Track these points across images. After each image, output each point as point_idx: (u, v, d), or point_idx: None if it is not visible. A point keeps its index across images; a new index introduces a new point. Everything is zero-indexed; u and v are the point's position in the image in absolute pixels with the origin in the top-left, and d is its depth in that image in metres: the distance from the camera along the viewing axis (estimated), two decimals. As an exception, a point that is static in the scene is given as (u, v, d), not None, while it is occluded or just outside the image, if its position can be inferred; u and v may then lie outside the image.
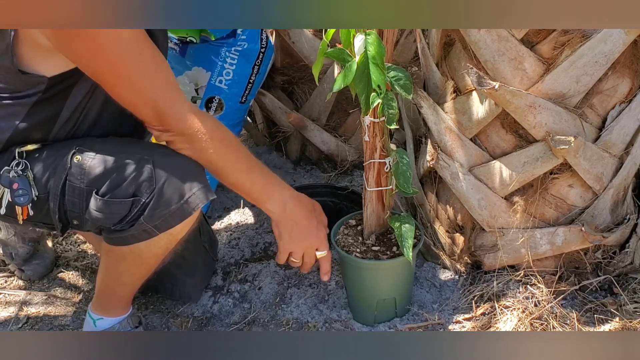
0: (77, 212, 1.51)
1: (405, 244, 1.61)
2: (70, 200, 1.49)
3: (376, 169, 1.63)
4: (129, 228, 1.48)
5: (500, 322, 1.71)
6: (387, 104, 1.52)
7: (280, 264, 1.85)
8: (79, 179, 1.47)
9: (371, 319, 1.74)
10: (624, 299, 1.74)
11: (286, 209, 1.60)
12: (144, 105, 1.46)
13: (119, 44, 1.39)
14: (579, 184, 1.70)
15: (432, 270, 1.90)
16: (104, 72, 1.43)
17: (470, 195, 1.76)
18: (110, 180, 1.46)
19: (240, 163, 1.57)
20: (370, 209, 1.69)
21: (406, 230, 1.62)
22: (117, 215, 1.47)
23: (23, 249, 2.00)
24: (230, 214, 2.27)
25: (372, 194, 1.66)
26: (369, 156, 1.62)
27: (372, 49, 1.43)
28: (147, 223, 1.47)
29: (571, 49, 1.54)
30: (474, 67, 1.59)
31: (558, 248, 1.74)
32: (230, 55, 2.24)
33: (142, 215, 1.46)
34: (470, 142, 1.73)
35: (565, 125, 1.61)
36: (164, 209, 1.46)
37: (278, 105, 2.47)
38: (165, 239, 1.53)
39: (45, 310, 1.91)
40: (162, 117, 1.46)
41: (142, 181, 1.45)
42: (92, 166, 1.47)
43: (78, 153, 1.48)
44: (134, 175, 1.45)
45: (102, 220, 1.49)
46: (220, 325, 1.81)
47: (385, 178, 1.65)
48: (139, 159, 1.47)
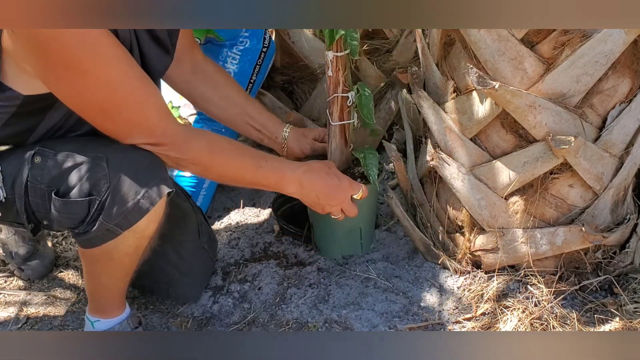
0: (44, 212, 1.51)
1: (370, 171, 1.72)
2: (34, 201, 1.50)
3: (339, 103, 1.71)
4: (91, 229, 1.47)
5: (500, 322, 1.71)
6: (350, 36, 1.62)
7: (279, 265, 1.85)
8: (39, 180, 1.48)
9: (337, 251, 1.74)
10: (624, 299, 1.73)
11: (304, 186, 1.66)
12: (138, 136, 1.47)
13: (107, 81, 1.39)
14: (579, 184, 1.70)
15: (432, 270, 1.90)
16: (92, 110, 1.44)
17: (471, 195, 1.76)
18: (67, 180, 1.46)
19: (246, 166, 1.61)
20: (334, 144, 1.77)
21: (371, 158, 1.74)
22: (76, 216, 1.47)
23: (23, 249, 2.00)
24: (230, 214, 2.27)
25: (336, 128, 1.74)
26: (332, 90, 1.70)
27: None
28: (107, 222, 1.46)
29: (571, 48, 1.54)
30: (474, 66, 1.59)
31: (558, 248, 1.74)
32: (232, 55, 2.24)
33: (101, 214, 1.45)
34: (471, 142, 1.73)
35: (566, 125, 1.61)
36: (121, 207, 1.45)
37: (278, 105, 2.47)
38: (131, 237, 1.51)
39: (45, 310, 1.91)
40: (158, 146, 1.48)
41: (97, 180, 1.44)
42: (51, 166, 1.47)
43: (38, 154, 1.48)
44: (89, 175, 1.45)
45: (64, 221, 1.49)
46: (220, 325, 1.81)
47: (348, 112, 1.73)
48: (94, 157, 1.46)
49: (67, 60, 1.36)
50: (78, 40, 1.34)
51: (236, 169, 1.60)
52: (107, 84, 1.40)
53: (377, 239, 2.02)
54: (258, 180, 1.64)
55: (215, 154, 1.56)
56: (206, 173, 1.63)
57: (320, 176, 1.68)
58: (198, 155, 1.53)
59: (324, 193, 1.68)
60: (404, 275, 1.90)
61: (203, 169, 1.58)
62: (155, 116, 1.48)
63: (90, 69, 1.37)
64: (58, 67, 1.37)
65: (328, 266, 1.93)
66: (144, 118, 1.47)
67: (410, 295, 1.83)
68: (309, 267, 1.94)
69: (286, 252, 2.03)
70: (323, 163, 1.74)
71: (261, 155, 1.66)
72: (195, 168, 1.59)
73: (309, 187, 1.66)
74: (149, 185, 1.46)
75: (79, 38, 1.33)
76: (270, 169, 1.64)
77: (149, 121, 1.47)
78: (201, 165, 1.56)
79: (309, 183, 1.66)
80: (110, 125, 1.47)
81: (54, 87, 1.43)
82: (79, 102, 1.43)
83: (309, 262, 1.97)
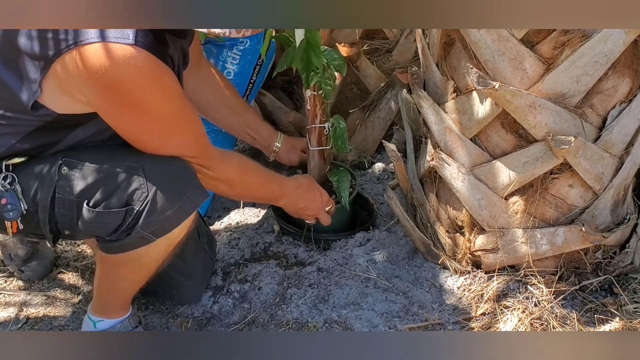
0: (68, 223, 1.50)
1: (342, 193, 2.02)
2: (60, 212, 1.49)
3: (317, 132, 2.00)
4: (124, 237, 1.48)
5: (500, 322, 1.71)
6: (324, 82, 1.90)
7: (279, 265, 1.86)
8: (67, 191, 1.47)
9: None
10: (624, 299, 1.74)
11: (294, 200, 1.90)
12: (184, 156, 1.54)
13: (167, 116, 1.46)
14: (579, 184, 1.70)
15: (432, 270, 1.90)
16: (147, 139, 1.48)
17: (471, 195, 1.76)
18: (100, 190, 1.45)
19: (263, 183, 1.81)
20: (312, 164, 2.05)
21: (343, 182, 2.03)
22: (110, 225, 1.47)
23: (22, 250, 2.00)
24: (230, 214, 2.27)
25: (314, 152, 2.03)
26: (311, 121, 1.98)
27: (310, 35, 1.77)
28: (144, 230, 1.46)
29: (571, 48, 1.54)
30: (474, 67, 1.59)
31: (558, 248, 1.74)
32: (232, 55, 2.24)
33: (138, 223, 1.45)
34: (471, 142, 1.73)
35: (566, 125, 1.61)
36: (159, 215, 1.46)
37: (278, 105, 2.47)
38: (163, 243, 1.53)
39: (45, 311, 1.90)
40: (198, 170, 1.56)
41: (134, 189, 1.45)
42: (80, 177, 1.46)
43: (65, 165, 1.47)
44: (124, 184, 1.45)
45: (96, 230, 1.49)
46: (220, 325, 1.81)
47: (325, 139, 2.02)
48: (128, 167, 1.46)
49: (135, 100, 1.41)
50: (149, 83, 1.40)
51: (256, 185, 1.79)
52: (167, 118, 1.47)
53: (377, 239, 2.02)
54: (265, 195, 1.88)
55: (244, 172, 1.73)
56: (231, 190, 1.77)
57: (306, 191, 1.92)
58: (232, 173, 1.68)
59: (306, 205, 1.93)
60: (404, 275, 1.90)
61: (231, 186, 1.71)
62: (202, 141, 1.58)
63: (154, 107, 1.43)
64: (124, 105, 1.41)
65: (328, 266, 1.93)
66: (193, 144, 1.55)
67: (410, 295, 1.83)
68: (309, 267, 1.94)
69: (286, 252, 2.03)
70: (307, 179, 1.98)
71: (270, 173, 1.85)
72: (224, 186, 1.70)
73: (298, 200, 1.90)
74: (186, 194, 1.49)
75: (149, 80, 1.39)
76: (277, 186, 1.86)
77: (197, 146, 1.56)
78: (232, 182, 1.70)
79: (298, 197, 1.90)
80: (160, 149, 1.50)
81: (114, 122, 1.46)
82: (137, 133, 1.48)
83: (309, 262, 1.97)
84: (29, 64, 1.39)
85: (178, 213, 1.48)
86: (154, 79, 1.40)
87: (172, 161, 1.50)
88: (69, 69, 1.36)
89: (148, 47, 1.36)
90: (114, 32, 1.33)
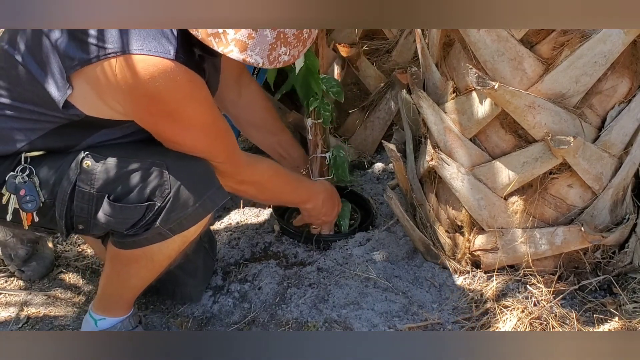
0: (85, 217, 1.51)
1: (342, 222, 2.06)
2: (79, 206, 1.50)
3: (319, 162, 2.04)
4: (143, 232, 1.49)
5: (500, 322, 1.71)
6: (323, 107, 1.96)
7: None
8: (88, 185, 1.48)
9: None
10: (624, 299, 1.74)
11: (319, 205, 1.93)
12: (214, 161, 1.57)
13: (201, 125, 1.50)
14: (579, 184, 1.70)
15: (431, 270, 1.90)
16: (182, 145, 1.51)
17: (470, 195, 1.76)
18: (122, 185, 1.47)
19: (291, 188, 1.85)
20: None
21: (344, 211, 2.05)
22: (130, 220, 1.48)
23: (22, 250, 2.00)
24: (230, 214, 2.27)
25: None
26: (312, 151, 2.03)
27: (310, 62, 1.85)
28: (163, 226, 1.49)
29: (570, 49, 1.55)
30: (473, 67, 1.59)
31: (557, 248, 1.74)
32: None
33: (158, 219, 1.47)
34: (470, 142, 1.74)
35: (565, 125, 1.61)
36: (179, 212, 1.48)
37: (278, 106, 2.47)
38: (179, 240, 1.55)
39: (46, 311, 1.91)
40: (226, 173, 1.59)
41: (157, 186, 1.47)
42: (103, 171, 1.48)
43: (87, 158, 1.48)
44: (147, 180, 1.47)
45: (114, 225, 1.50)
46: (220, 325, 1.81)
47: (327, 169, 2.05)
48: (151, 163, 1.48)
49: (170, 110, 1.44)
50: (185, 95, 1.43)
51: (286, 189, 1.84)
52: (201, 127, 1.51)
53: (377, 239, 2.02)
54: (293, 198, 1.92)
55: (273, 177, 1.75)
56: (260, 194, 1.80)
57: (328, 198, 1.95)
58: (260, 178, 1.71)
59: (325, 212, 1.96)
60: (404, 275, 1.90)
61: (259, 190, 1.75)
62: (230, 149, 1.61)
63: (189, 117, 1.47)
64: (161, 115, 1.45)
65: (328, 266, 1.93)
66: (222, 151, 1.58)
67: (409, 295, 1.83)
68: (308, 267, 1.94)
69: (286, 252, 2.03)
70: (330, 186, 1.99)
71: (298, 177, 1.93)
72: (253, 190, 1.74)
73: (321, 205, 1.93)
74: (207, 194, 1.51)
75: (186, 92, 1.43)
76: (304, 189, 1.90)
77: (226, 153, 1.59)
78: (260, 186, 1.73)
79: (321, 203, 1.93)
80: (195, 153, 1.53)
81: (151, 128, 1.50)
82: (170, 139, 1.51)
83: (309, 262, 1.97)
84: (63, 63, 1.40)
85: (198, 211, 1.51)
86: (190, 92, 1.44)
87: (195, 161, 1.52)
88: (108, 75, 1.38)
89: (186, 62, 1.40)
90: (155, 47, 1.36)
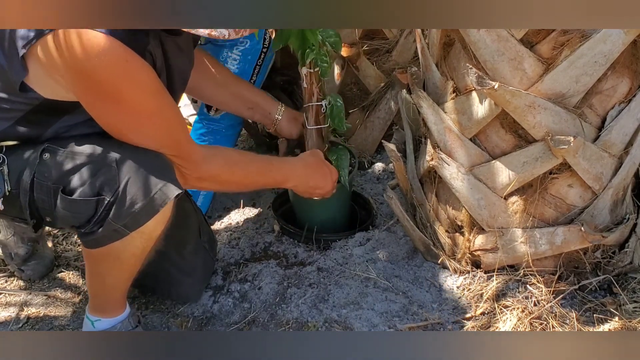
0: (48, 209, 1.51)
1: (342, 172, 1.97)
2: (40, 198, 1.50)
3: (314, 111, 1.96)
4: (98, 229, 1.48)
5: (500, 321, 1.71)
6: (320, 59, 1.88)
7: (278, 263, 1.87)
8: (45, 177, 1.48)
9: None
10: (624, 299, 1.74)
11: (303, 180, 1.87)
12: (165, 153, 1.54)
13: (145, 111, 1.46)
14: (579, 184, 1.70)
15: (431, 270, 1.90)
16: (126, 132, 1.49)
17: (470, 195, 1.76)
18: (75, 178, 1.46)
19: (259, 173, 1.78)
20: (310, 142, 1.99)
21: (342, 160, 1.99)
22: (83, 215, 1.48)
23: (22, 249, 2.00)
24: (230, 214, 2.27)
25: (312, 131, 1.98)
26: (307, 100, 1.95)
27: None
28: (115, 222, 1.47)
29: (570, 49, 1.55)
30: (473, 67, 1.59)
31: (557, 248, 1.74)
32: (232, 56, 2.24)
33: (109, 215, 1.46)
34: (470, 142, 1.74)
35: (565, 125, 1.61)
36: (130, 208, 1.46)
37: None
38: (138, 238, 1.52)
39: (46, 311, 1.91)
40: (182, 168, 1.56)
41: (106, 180, 1.45)
42: (59, 164, 1.48)
43: (47, 151, 1.49)
44: (97, 174, 1.46)
45: (70, 219, 1.49)
46: (220, 325, 1.81)
47: (323, 118, 1.98)
48: (104, 157, 1.47)
49: (108, 91, 1.41)
50: (122, 75, 1.39)
51: (252, 176, 1.76)
52: (141, 113, 1.47)
53: (377, 238, 2.02)
54: (267, 182, 1.88)
55: (233, 168, 1.70)
56: (224, 186, 1.78)
57: (315, 170, 1.89)
58: (218, 171, 1.66)
59: (316, 184, 1.89)
60: (404, 275, 1.90)
61: (221, 183, 1.71)
62: (178, 139, 1.56)
63: (128, 100, 1.43)
64: (98, 94, 1.42)
65: (328, 266, 1.93)
66: (174, 142, 1.55)
67: (410, 295, 1.83)
68: (308, 267, 1.94)
69: (286, 252, 2.03)
70: (315, 156, 1.92)
71: (267, 160, 1.85)
72: (215, 184, 1.73)
73: (307, 179, 1.87)
74: (159, 187, 1.47)
75: (123, 72, 1.39)
76: (277, 171, 1.83)
77: (174, 143, 1.55)
78: (220, 179, 1.68)
79: (307, 177, 1.87)
80: (136, 143, 1.50)
81: (90, 111, 1.47)
82: (112, 125, 1.49)
83: (309, 262, 1.97)
84: (16, 43, 1.40)
85: (148, 207, 1.47)
86: (127, 72, 1.40)
87: (150, 155, 1.50)
88: (50, 51, 1.37)
89: (123, 39, 1.36)
90: None
